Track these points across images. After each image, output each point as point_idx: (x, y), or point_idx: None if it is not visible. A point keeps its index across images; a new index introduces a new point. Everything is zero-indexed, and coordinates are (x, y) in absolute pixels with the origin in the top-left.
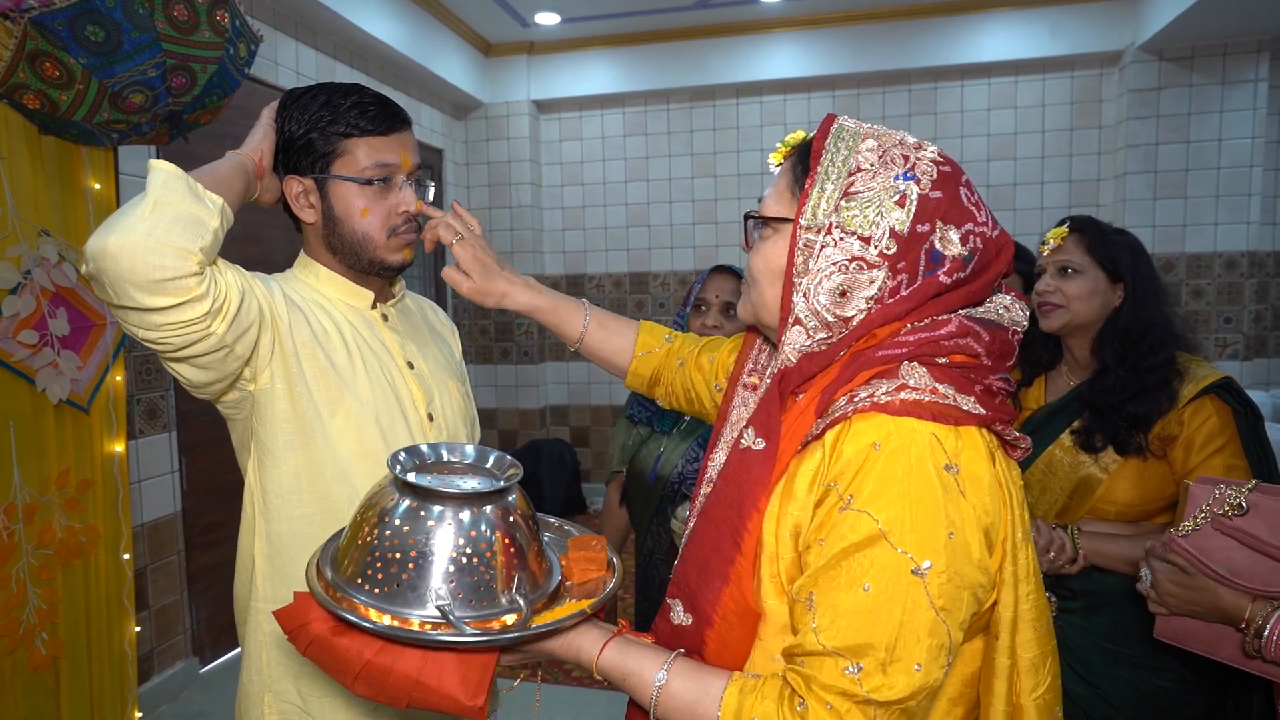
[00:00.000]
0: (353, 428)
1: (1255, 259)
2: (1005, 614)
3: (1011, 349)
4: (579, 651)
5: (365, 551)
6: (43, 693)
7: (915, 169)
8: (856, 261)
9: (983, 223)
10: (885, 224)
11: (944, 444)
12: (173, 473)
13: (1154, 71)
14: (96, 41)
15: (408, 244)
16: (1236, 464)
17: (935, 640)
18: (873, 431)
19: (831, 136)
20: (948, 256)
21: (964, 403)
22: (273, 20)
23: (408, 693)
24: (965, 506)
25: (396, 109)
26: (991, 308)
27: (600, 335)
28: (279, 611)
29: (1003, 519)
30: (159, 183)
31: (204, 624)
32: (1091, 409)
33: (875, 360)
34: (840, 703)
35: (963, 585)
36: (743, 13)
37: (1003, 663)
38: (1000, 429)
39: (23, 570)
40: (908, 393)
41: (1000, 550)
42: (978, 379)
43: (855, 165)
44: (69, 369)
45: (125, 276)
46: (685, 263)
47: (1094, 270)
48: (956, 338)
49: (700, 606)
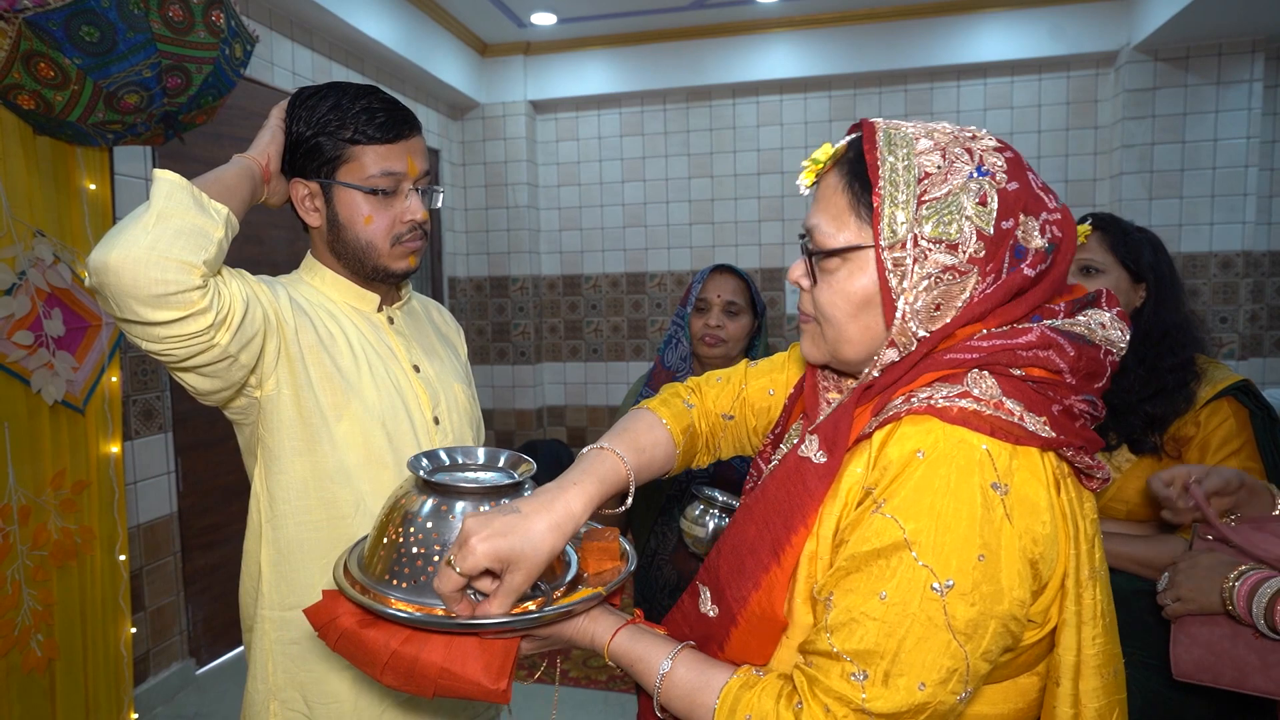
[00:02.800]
0: (359, 432)
1: (1250, 259)
2: (1067, 658)
3: (1103, 369)
4: (593, 637)
5: (393, 550)
6: (38, 694)
7: (984, 162)
8: (950, 272)
9: (1054, 209)
10: (971, 227)
11: (995, 461)
12: (168, 474)
13: (1149, 72)
14: (91, 42)
15: (413, 251)
16: (1252, 466)
17: (950, 664)
18: (920, 437)
19: (883, 144)
20: (1030, 249)
21: (1031, 422)
22: (268, 20)
23: (434, 680)
24: (1009, 531)
25: (406, 115)
26: (1082, 321)
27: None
28: (309, 609)
29: (1062, 552)
30: (163, 194)
31: (200, 625)
32: (1107, 407)
33: (942, 363)
34: (837, 707)
35: (989, 613)
36: (739, 13)
37: (1065, 712)
38: (1071, 455)
39: (18, 572)
40: (969, 401)
41: (1059, 586)
42: (1057, 397)
43: (921, 170)
44: (64, 370)
45: (128, 291)
46: (682, 263)
47: (1117, 270)
48: (1036, 349)
49: (728, 602)
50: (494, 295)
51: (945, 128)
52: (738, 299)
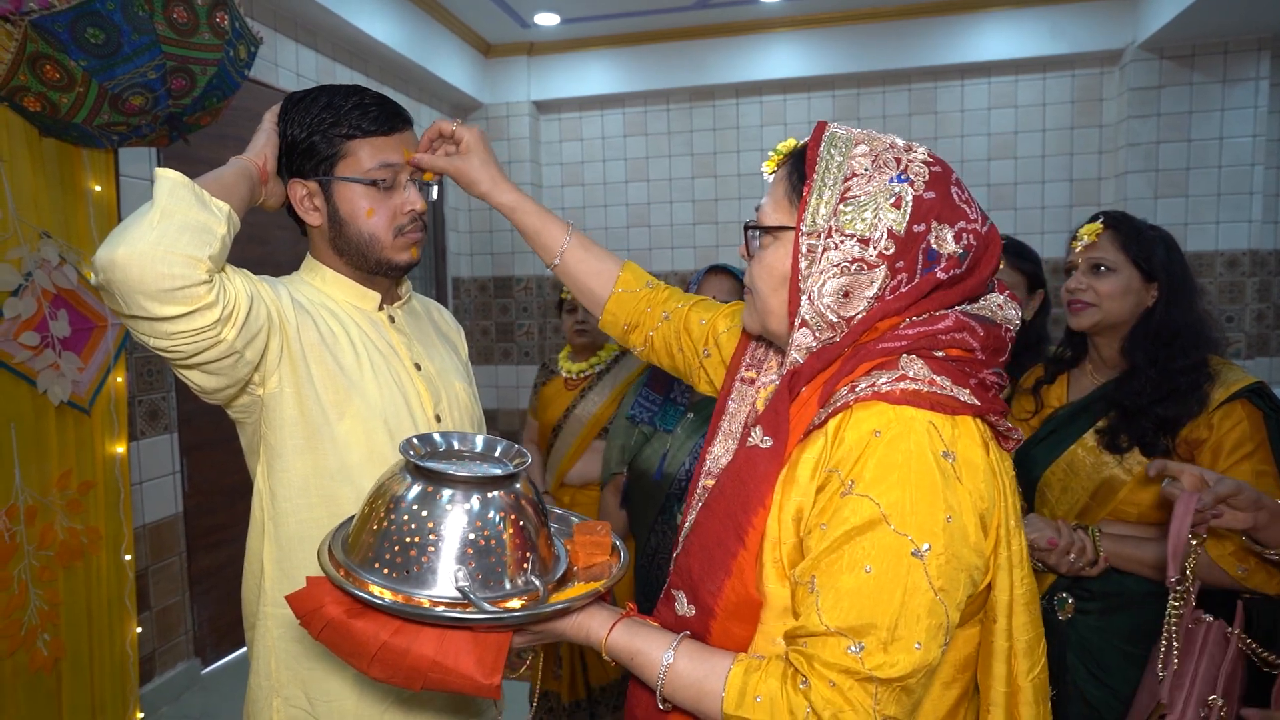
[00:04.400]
0: (360, 430)
1: (1257, 258)
2: (1002, 597)
3: (1004, 345)
4: (588, 632)
5: (379, 536)
6: (44, 694)
7: (908, 171)
8: (858, 263)
9: (973, 220)
10: (883, 225)
11: (941, 432)
12: (174, 474)
13: (1154, 70)
14: (96, 44)
15: (414, 243)
16: (1266, 470)
17: (934, 620)
18: (874, 419)
19: (825, 143)
20: (943, 254)
21: (960, 394)
22: (273, 22)
23: (424, 673)
24: (962, 492)
25: (398, 108)
26: (985, 305)
27: (580, 254)
28: (291, 596)
29: (997, 505)
30: (165, 191)
31: (206, 625)
32: (1118, 409)
33: (876, 353)
34: (843, 680)
35: (960, 567)
36: (742, 13)
37: (1001, 645)
38: (994, 420)
39: (24, 572)
40: (907, 383)
41: (995, 535)
42: (973, 372)
43: (850, 170)
44: (70, 371)
45: (135, 286)
46: (686, 263)
47: (1128, 269)
48: (954, 332)
49: (703, 598)
50: (498, 295)
51: (888, 139)
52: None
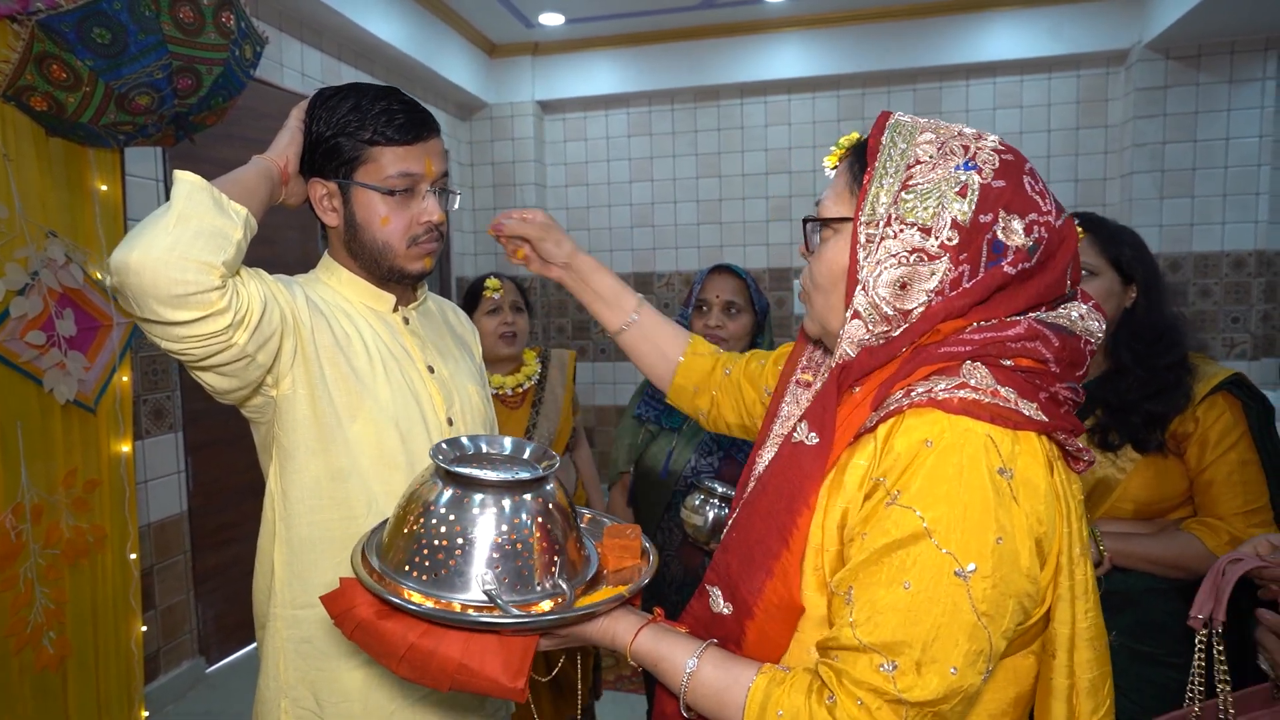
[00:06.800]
0: (372, 433)
1: (1263, 258)
2: (1062, 631)
3: (1083, 358)
4: (614, 636)
5: (411, 540)
6: (50, 692)
7: (976, 158)
8: (917, 253)
9: (1046, 211)
10: (947, 215)
11: (999, 447)
12: (179, 473)
13: (1160, 70)
14: (103, 44)
15: (428, 253)
16: (1250, 458)
17: (974, 645)
18: (926, 428)
19: (888, 131)
20: (1011, 247)
21: (1025, 408)
22: (278, 22)
23: (451, 675)
24: (1017, 513)
25: (425, 116)
26: (1063, 313)
27: (656, 318)
28: (325, 596)
29: (1058, 531)
30: (183, 194)
31: (211, 624)
32: (1106, 408)
33: (937, 356)
34: (871, 699)
35: (1008, 593)
36: (747, 13)
37: (1061, 683)
38: (1063, 438)
39: (30, 570)
40: (967, 391)
41: (1054, 563)
42: (1043, 385)
43: (914, 158)
44: (76, 370)
45: (148, 291)
46: (690, 263)
47: (1109, 271)
48: (1024, 340)
49: (742, 596)
50: None
51: (956, 128)
52: (737, 299)
